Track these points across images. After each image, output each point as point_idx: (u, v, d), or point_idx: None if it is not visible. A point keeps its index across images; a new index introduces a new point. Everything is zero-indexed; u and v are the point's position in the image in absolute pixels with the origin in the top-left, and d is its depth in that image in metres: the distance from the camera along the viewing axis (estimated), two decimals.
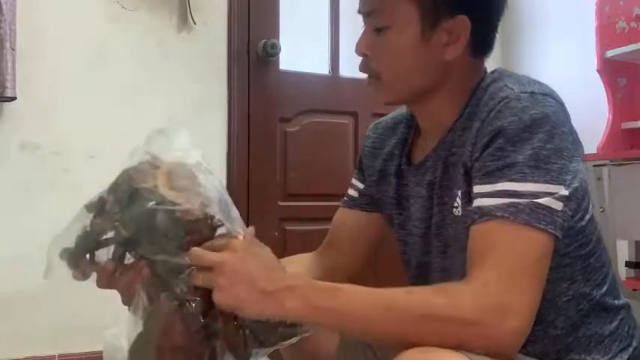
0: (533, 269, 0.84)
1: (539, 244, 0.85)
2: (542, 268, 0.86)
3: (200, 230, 0.90)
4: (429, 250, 1.06)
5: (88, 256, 0.94)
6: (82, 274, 0.94)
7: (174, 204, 0.90)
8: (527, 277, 0.83)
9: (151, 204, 0.90)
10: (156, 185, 0.92)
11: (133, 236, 0.91)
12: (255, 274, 0.85)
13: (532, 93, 0.91)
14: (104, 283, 0.93)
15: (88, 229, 0.93)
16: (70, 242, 0.93)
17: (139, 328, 0.90)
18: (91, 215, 0.94)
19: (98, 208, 0.93)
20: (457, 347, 0.80)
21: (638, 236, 2.21)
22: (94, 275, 0.94)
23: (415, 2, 0.98)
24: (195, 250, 0.86)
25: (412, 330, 0.81)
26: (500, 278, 0.82)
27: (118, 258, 0.93)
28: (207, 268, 0.85)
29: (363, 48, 1.03)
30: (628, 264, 2.26)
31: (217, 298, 0.85)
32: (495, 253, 0.84)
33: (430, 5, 0.97)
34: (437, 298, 0.83)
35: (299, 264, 1.20)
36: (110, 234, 0.93)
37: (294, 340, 0.92)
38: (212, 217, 0.91)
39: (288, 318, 0.87)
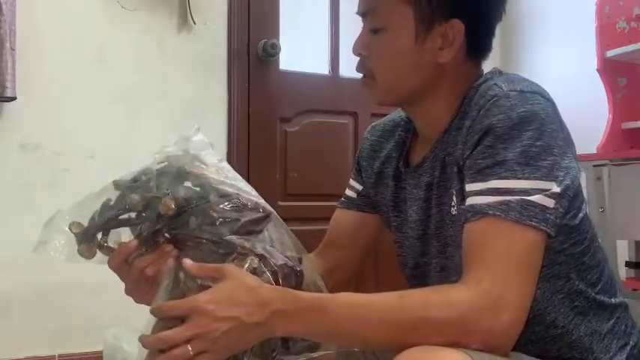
0: (525, 265, 0.85)
1: (531, 240, 0.86)
2: (534, 264, 0.87)
3: (255, 221, 0.91)
4: (427, 252, 1.06)
5: (101, 233, 0.91)
6: (90, 250, 0.90)
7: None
8: (519, 274, 0.84)
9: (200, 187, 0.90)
10: (204, 174, 0.92)
11: (178, 214, 0.89)
12: (237, 316, 0.81)
13: (521, 91, 0.91)
14: (117, 263, 0.90)
15: (112, 203, 0.90)
16: (79, 217, 0.91)
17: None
18: (117, 193, 0.91)
19: (132, 185, 0.91)
20: (454, 344, 0.81)
21: (638, 236, 2.21)
22: (85, 259, 0.92)
23: (411, 6, 0.98)
24: (168, 333, 0.80)
25: (409, 335, 0.82)
26: (494, 275, 0.83)
27: (145, 237, 0.89)
28: (187, 342, 0.80)
29: (359, 48, 1.04)
30: (628, 264, 2.26)
31: (212, 357, 0.81)
32: (488, 251, 0.85)
33: (426, 9, 0.98)
34: (431, 299, 0.84)
35: None
36: (131, 214, 0.90)
37: (318, 353, 0.92)
38: (263, 207, 0.93)
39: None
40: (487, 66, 1.06)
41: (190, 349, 0.79)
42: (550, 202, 0.86)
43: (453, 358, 0.79)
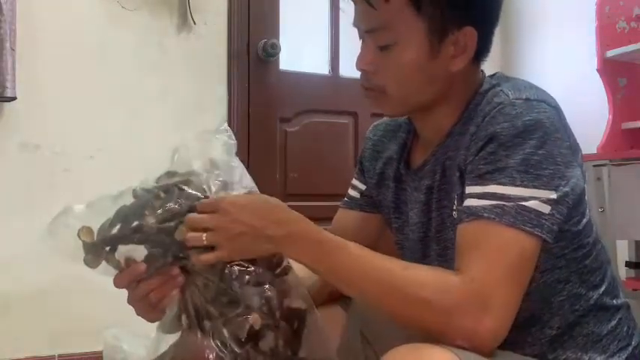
0: (516, 271, 0.85)
1: (524, 245, 0.86)
2: (526, 271, 0.87)
3: (269, 259, 0.92)
4: (427, 254, 1.06)
5: (109, 247, 0.88)
6: (96, 262, 0.88)
7: None
8: (509, 279, 0.85)
9: None
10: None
11: None
12: (252, 224, 0.88)
13: (527, 99, 0.91)
14: (124, 284, 0.89)
15: (127, 214, 0.87)
16: (90, 219, 0.87)
17: (162, 348, 0.88)
18: (133, 200, 0.89)
19: (150, 201, 0.88)
20: (441, 334, 0.82)
21: (638, 236, 2.22)
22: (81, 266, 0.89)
23: (422, 17, 0.96)
24: (192, 216, 0.88)
25: (398, 306, 0.86)
26: (485, 277, 0.84)
27: (155, 260, 0.87)
28: (204, 229, 0.87)
29: (364, 64, 1.01)
30: (628, 264, 2.26)
31: (219, 256, 0.88)
32: (481, 253, 0.86)
33: (437, 19, 0.96)
34: (428, 280, 0.86)
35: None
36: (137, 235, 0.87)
37: None
38: (277, 259, 0.93)
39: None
40: (487, 66, 1.06)
41: (204, 238, 0.86)
42: (546, 209, 0.86)
43: (441, 358, 0.79)
